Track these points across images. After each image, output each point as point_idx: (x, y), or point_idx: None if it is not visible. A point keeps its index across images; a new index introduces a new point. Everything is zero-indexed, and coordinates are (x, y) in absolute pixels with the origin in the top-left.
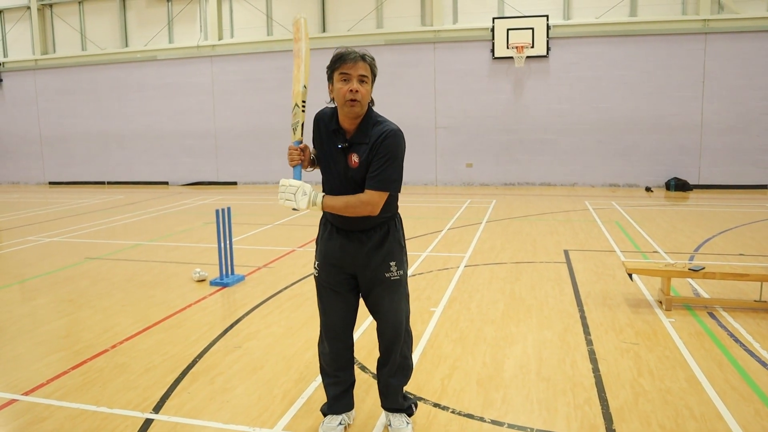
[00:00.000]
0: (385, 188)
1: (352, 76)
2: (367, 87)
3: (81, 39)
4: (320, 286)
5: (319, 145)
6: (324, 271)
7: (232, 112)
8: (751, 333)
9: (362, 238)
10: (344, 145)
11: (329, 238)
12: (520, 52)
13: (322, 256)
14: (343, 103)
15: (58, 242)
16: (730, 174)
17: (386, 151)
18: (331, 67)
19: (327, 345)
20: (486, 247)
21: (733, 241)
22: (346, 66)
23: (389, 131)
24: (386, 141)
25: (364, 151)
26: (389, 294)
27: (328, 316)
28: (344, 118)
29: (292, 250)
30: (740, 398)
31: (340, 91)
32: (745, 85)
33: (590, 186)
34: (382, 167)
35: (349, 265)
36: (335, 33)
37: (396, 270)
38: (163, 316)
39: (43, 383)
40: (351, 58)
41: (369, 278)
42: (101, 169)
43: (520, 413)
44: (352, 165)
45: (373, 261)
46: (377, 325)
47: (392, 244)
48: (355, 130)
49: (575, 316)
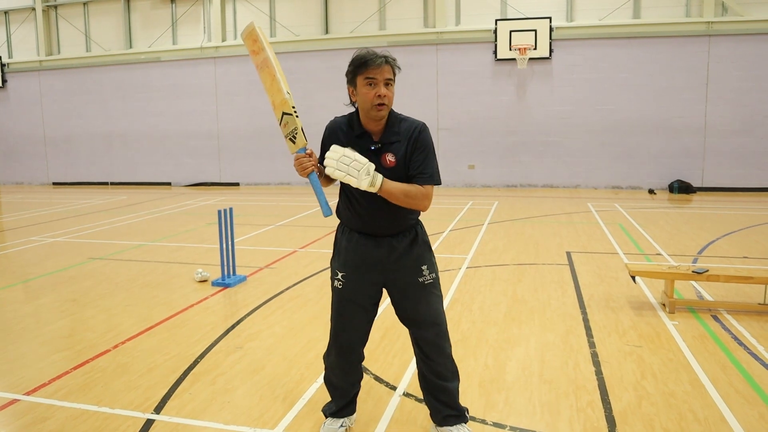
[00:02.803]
0: (434, 181)
1: (379, 80)
2: (392, 89)
3: (86, 40)
4: (342, 299)
5: None
6: (350, 282)
7: (235, 113)
8: (755, 336)
9: (392, 243)
10: (377, 146)
11: (356, 246)
12: (522, 54)
13: (348, 266)
14: (370, 107)
15: (61, 242)
16: (733, 176)
17: (424, 145)
18: (353, 71)
19: (337, 359)
20: (488, 249)
21: (737, 244)
22: (372, 71)
23: (420, 125)
24: (422, 135)
25: (398, 149)
26: (425, 298)
27: (347, 332)
28: (368, 120)
29: (294, 251)
30: (744, 402)
31: (366, 96)
32: (749, 87)
33: (593, 188)
34: (426, 160)
35: (379, 273)
36: (338, 35)
37: (428, 273)
38: (165, 316)
39: (45, 383)
40: (377, 63)
41: (402, 285)
42: (105, 169)
43: (522, 416)
44: (387, 165)
45: (405, 266)
46: (416, 332)
47: (422, 247)
48: (382, 131)
49: (578, 319)
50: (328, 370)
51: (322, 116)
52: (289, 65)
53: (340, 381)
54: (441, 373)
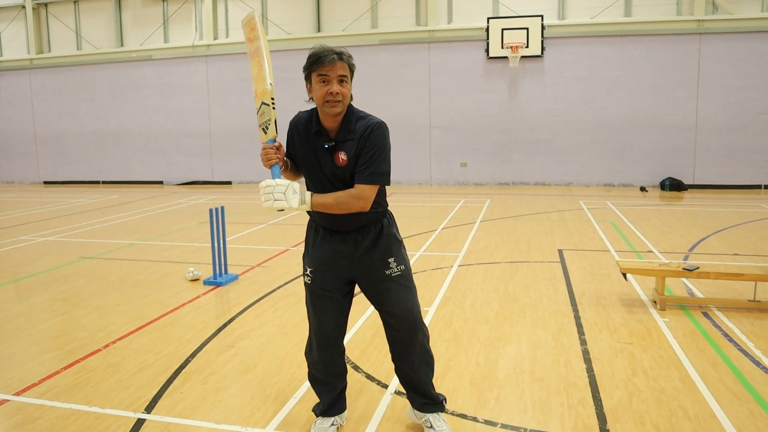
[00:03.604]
0: (374, 181)
1: (332, 77)
2: (347, 86)
3: (76, 38)
4: (313, 293)
5: (299, 150)
6: (318, 276)
7: (227, 111)
8: (745, 333)
9: (357, 238)
10: (331, 144)
11: (322, 242)
12: (514, 52)
13: (316, 262)
14: (323, 104)
15: (52, 241)
16: (724, 174)
17: (373, 144)
18: (308, 68)
19: (318, 353)
20: (480, 247)
21: (728, 241)
22: (324, 68)
23: (374, 124)
24: (372, 134)
25: (350, 147)
26: (394, 290)
27: (322, 324)
28: (325, 117)
29: (286, 250)
30: (734, 398)
31: (319, 92)
32: (739, 85)
33: (585, 186)
34: (371, 160)
35: (346, 268)
36: (330, 33)
37: (396, 266)
38: (156, 315)
39: (35, 383)
40: (329, 60)
41: (370, 279)
42: (96, 168)
43: (513, 413)
44: (340, 163)
45: (372, 259)
46: (390, 323)
47: (388, 239)
48: (338, 129)
49: (569, 316)
50: (311, 366)
51: None
52: (281, 63)
53: (324, 376)
54: (415, 365)
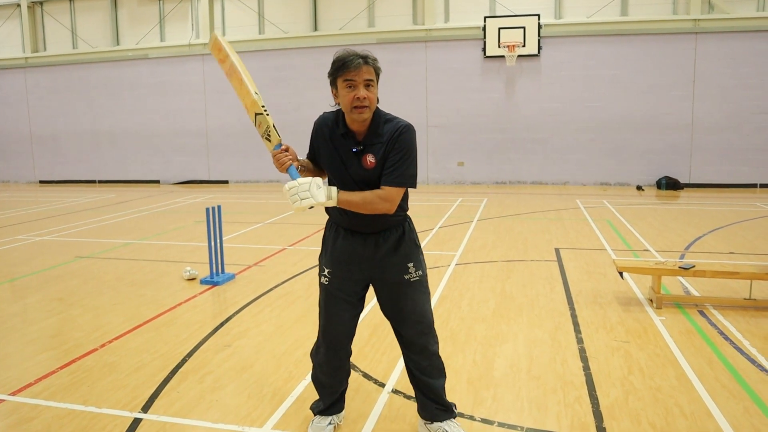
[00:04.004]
0: (402, 183)
1: (358, 82)
2: (373, 90)
3: (72, 37)
4: (329, 294)
5: (324, 152)
6: (336, 278)
7: (223, 110)
8: (741, 331)
9: (378, 240)
10: (359, 148)
11: (342, 243)
12: (511, 51)
13: (335, 263)
14: (350, 110)
15: (48, 241)
16: (720, 173)
17: (402, 147)
18: (333, 73)
19: (326, 355)
20: (477, 246)
21: (724, 240)
22: (350, 73)
23: (403, 127)
24: (401, 137)
25: (378, 150)
26: (411, 295)
27: (334, 326)
28: (352, 121)
29: (283, 249)
30: (730, 396)
31: (345, 98)
32: (735, 84)
33: (582, 185)
34: (398, 162)
35: (365, 270)
36: (327, 32)
37: (415, 271)
38: (153, 314)
39: (31, 383)
40: (354, 64)
41: (387, 282)
42: (92, 167)
43: (510, 412)
44: (368, 166)
45: (391, 263)
46: (401, 329)
47: (408, 245)
48: (366, 132)
49: (566, 315)
50: (317, 367)
51: (311, 113)
52: (278, 62)
53: (329, 378)
54: (426, 370)
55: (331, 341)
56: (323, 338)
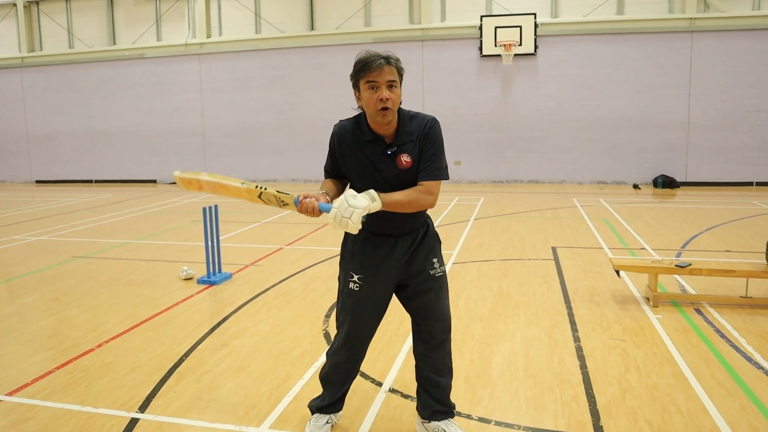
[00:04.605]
0: (440, 176)
1: (380, 83)
2: (396, 91)
3: (68, 36)
4: (360, 300)
5: (350, 160)
6: (368, 283)
7: (220, 110)
8: (737, 329)
9: (408, 240)
10: (393, 150)
11: (374, 248)
12: (508, 50)
13: (366, 268)
14: (374, 112)
15: (45, 241)
16: (716, 171)
17: (433, 140)
18: (355, 75)
19: (348, 358)
20: (474, 245)
21: (720, 238)
22: (372, 74)
23: (430, 121)
24: (431, 131)
25: (413, 148)
26: (435, 291)
27: (360, 332)
28: (378, 125)
29: (280, 248)
30: (726, 394)
31: (369, 100)
32: (731, 83)
33: (578, 183)
34: (433, 156)
35: (396, 272)
36: (323, 31)
37: (438, 266)
38: (150, 314)
39: (27, 383)
40: (376, 65)
41: (415, 279)
42: (89, 167)
43: (507, 410)
44: (403, 166)
45: (418, 259)
46: (421, 326)
47: (432, 239)
48: (394, 133)
49: (563, 313)
50: (332, 368)
51: (308, 113)
52: (275, 62)
53: (341, 378)
54: (439, 368)
55: (353, 346)
56: (345, 343)
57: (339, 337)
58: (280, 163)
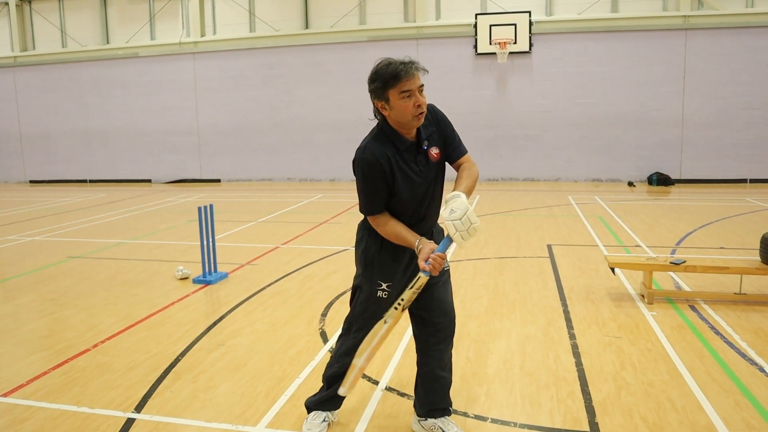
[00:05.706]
0: (466, 149)
1: (414, 90)
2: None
3: (61, 36)
4: (386, 308)
5: (400, 178)
6: (395, 289)
7: (215, 109)
8: (731, 325)
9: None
10: (425, 144)
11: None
12: (502, 48)
13: (396, 275)
14: (412, 118)
15: (39, 241)
16: (711, 168)
17: (447, 122)
18: (383, 86)
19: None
20: (469, 243)
21: (714, 235)
22: (406, 83)
23: (433, 107)
24: (439, 115)
25: (436, 139)
26: (443, 283)
27: None
28: (408, 130)
29: (276, 247)
30: (721, 390)
31: (406, 108)
32: (725, 80)
33: (573, 181)
34: (453, 133)
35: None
36: (318, 29)
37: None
38: (145, 314)
39: (23, 384)
40: (410, 74)
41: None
42: (83, 167)
43: (503, 408)
44: (434, 159)
45: None
46: (432, 317)
47: (440, 236)
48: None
49: (558, 311)
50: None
51: (303, 112)
52: (269, 60)
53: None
54: (444, 363)
55: None
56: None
57: (350, 339)
58: (275, 162)
